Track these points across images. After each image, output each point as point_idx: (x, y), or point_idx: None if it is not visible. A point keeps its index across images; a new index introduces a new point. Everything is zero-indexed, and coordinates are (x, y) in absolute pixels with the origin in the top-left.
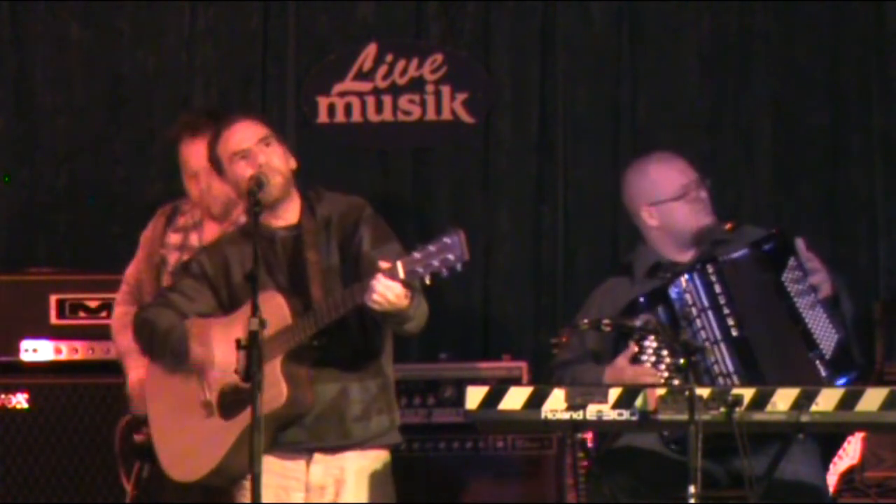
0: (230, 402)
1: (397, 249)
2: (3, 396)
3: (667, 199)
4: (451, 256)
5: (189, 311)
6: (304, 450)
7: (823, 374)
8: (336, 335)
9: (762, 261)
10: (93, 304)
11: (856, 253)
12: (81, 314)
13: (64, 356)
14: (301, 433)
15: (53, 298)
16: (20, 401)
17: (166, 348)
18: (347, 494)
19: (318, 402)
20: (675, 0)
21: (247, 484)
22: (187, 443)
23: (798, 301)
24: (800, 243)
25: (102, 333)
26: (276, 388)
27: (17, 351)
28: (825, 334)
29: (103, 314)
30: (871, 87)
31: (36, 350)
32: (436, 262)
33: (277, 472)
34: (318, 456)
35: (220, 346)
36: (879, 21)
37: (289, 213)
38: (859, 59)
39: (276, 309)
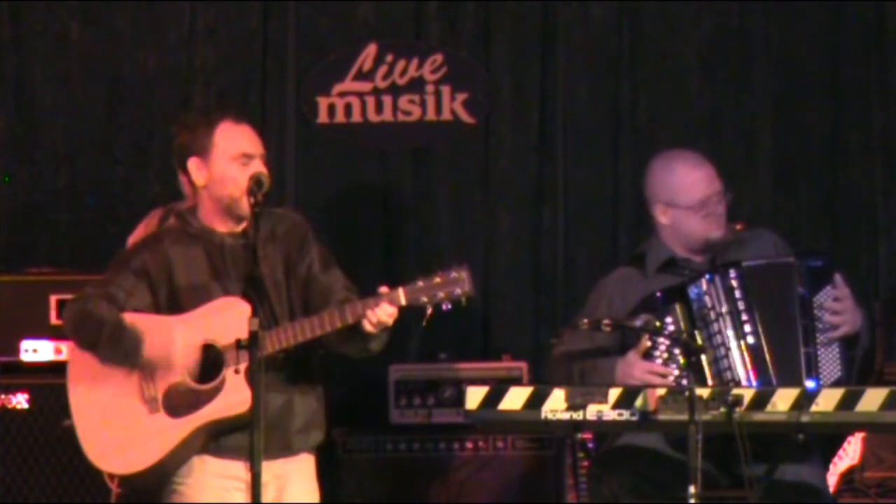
0: (178, 402)
1: (341, 274)
2: (3, 396)
3: (683, 206)
4: (458, 290)
5: (126, 306)
6: (245, 454)
7: None
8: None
9: (803, 273)
10: None
11: (856, 253)
12: None
13: (64, 356)
14: (244, 439)
15: (53, 298)
16: (20, 401)
17: (117, 344)
18: (291, 492)
19: (266, 412)
20: (675, 0)
21: (178, 487)
22: (122, 435)
23: (819, 329)
24: (839, 278)
25: None
26: (240, 395)
27: (17, 351)
28: (830, 369)
29: None
30: (871, 87)
31: (36, 350)
32: (441, 294)
33: (218, 473)
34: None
35: (180, 347)
36: (879, 21)
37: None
38: (859, 59)
39: (240, 315)
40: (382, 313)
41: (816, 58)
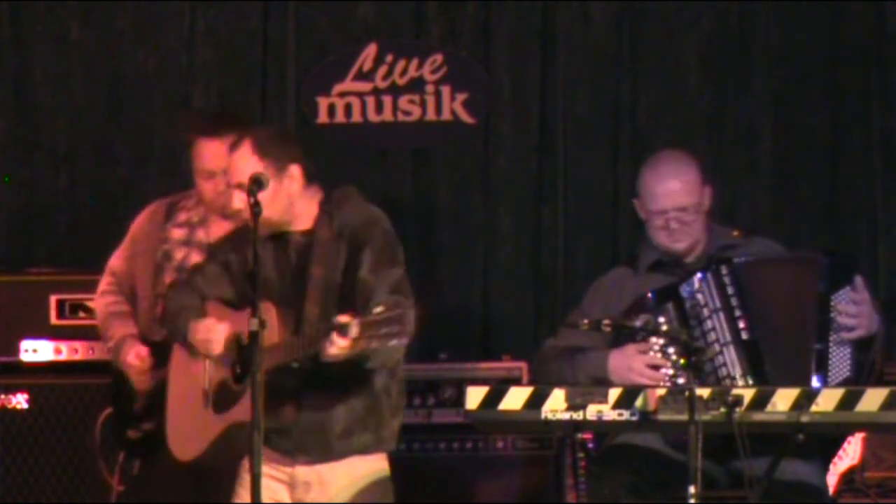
0: (220, 398)
1: (395, 277)
2: (3, 396)
3: (649, 209)
4: (396, 328)
5: (210, 295)
6: (288, 455)
7: None
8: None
9: (827, 270)
10: (93, 305)
11: (856, 253)
12: (81, 314)
13: (64, 356)
14: (286, 442)
15: (53, 298)
16: (20, 401)
17: (175, 328)
18: (333, 492)
19: (304, 418)
20: (675, 0)
21: (237, 483)
22: (187, 425)
23: (833, 327)
24: (858, 279)
25: None
26: (245, 405)
27: (17, 351)
28: (840, 367)
29: None
30: (871, 87)
31: (36, 350)
32: (397, 328)
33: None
34: (302, 460)
35: (223, 342)
36: (879, 21)
37: (304, 217)
38: (859, 59)
39: (270, 320)
40: (335, 350)
41: (816, 58)
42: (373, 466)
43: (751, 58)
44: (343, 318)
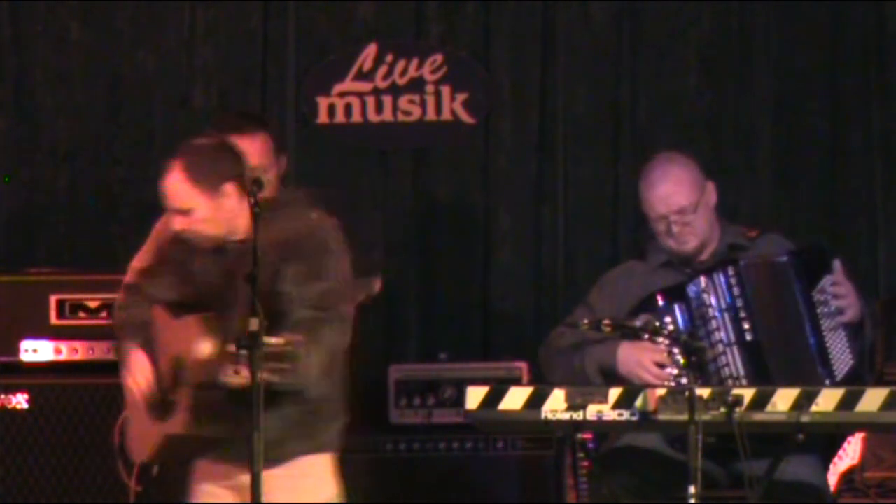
0: (161, 406)
1: (318, 290)
2: (3, 396)
3: (650, 216)
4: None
5: (158, 298)
6: (231, 465)
7: None
8: None
9: (798, 270)
10: (93, 305)
11: (856, 253)
12: (81, 314)
13: (64, 356)
14: (227, 453)
15: (53, 298)
16: (20, 401)
17: (118, 346)
18: (275, 497)
19: (238, 427)
20: (675, 0)
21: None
22: (139, 427)
23: (823, 318)
24: (837, 264)
25: (102, 333)
26: (179, 416)
27: (17, 351)
28: (841, 357)
29: (103, 314)
30: (871, 87)
31: (36, 350)
32: (287, 365)
33: (206, 477)
34: (243, 468)
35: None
36: (879, 21)
37: (245, 226)
38: (859, 59)
39: (191, 337)
40: (231, 378)
41: (816, 58)
42: (312, 469)
43: (751, 58)
44: (231, 349)
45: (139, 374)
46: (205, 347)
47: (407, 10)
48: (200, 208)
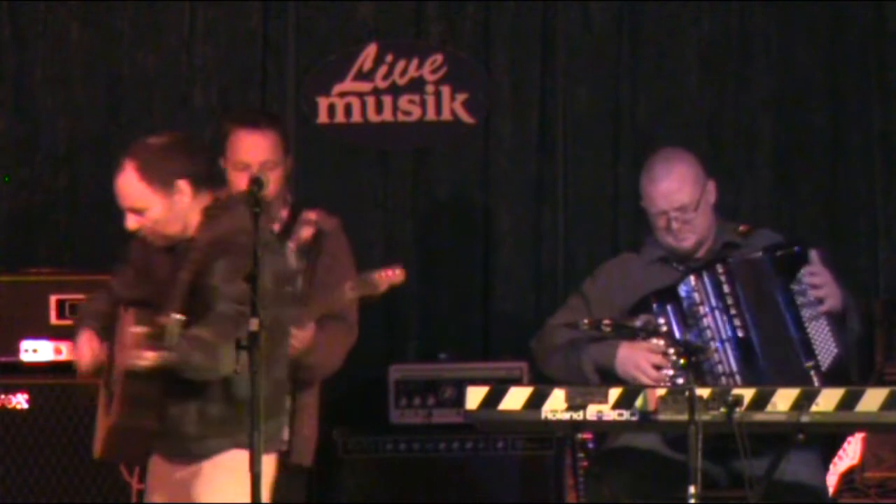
0: (107, 399)
1: (244, 288)
2: (3, 396)
3: (650, 211)
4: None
5: (124, 297)
6: (164, 457)
7: (817, 384)
8: None
9: (775, 266)
10: None
11: (856, 253)
12: None
13: (64, 356)
14: (159, 444)
15: (53, 298)
16: (20, 401)
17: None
18: (197, 492)
19: (164, 418)
20: (675, 0)
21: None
22: (99, 421)
23: (803, 308)
24: (814, 255)
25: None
26: (114, 407)
27: (17, 351)
28: (824, 346)
29: None
30: (871, 87)
31: (36, 350)
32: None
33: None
34: (175, 460)
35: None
36: (879, 21)
37: (194, 224)
38: (859, 59)
39: (126, 329)
40: (139, 360)
41: (816, 58)
42: (232, 466)
43: (751, 58)
44: (136, 329)
45: (83, 349)
46: (130, 336)
47: (407, 10)
48: (154, 207)
